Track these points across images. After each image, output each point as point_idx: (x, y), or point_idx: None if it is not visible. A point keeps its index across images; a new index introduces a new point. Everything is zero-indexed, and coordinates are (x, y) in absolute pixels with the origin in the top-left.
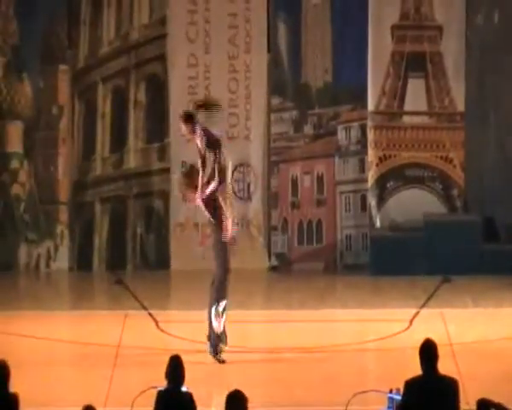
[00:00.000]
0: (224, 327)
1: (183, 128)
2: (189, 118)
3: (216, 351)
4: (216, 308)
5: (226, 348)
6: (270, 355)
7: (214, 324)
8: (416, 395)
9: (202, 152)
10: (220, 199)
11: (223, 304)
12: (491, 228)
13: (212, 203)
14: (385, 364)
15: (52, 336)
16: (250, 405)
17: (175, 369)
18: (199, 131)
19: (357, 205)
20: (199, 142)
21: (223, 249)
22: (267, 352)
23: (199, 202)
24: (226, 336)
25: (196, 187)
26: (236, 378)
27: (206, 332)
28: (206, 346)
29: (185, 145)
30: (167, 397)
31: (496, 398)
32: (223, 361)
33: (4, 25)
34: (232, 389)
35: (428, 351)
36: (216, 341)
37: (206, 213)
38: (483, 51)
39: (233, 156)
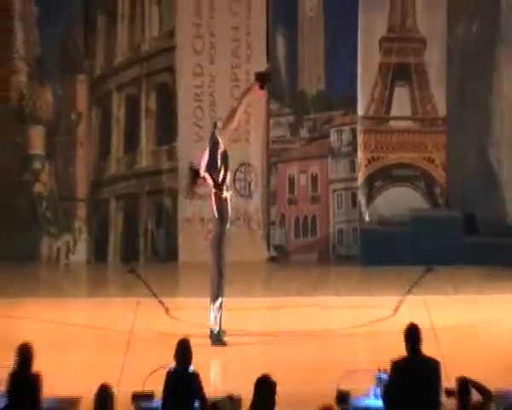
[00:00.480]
0: (220, 323)
1: (199, 190)
2: (191, 183)
3: (219, 341)
4: (213, 307)
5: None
6: (269, 339)
7: (212, 322)
8: (401, 374)
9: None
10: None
11: (218, 302)
12: (472, 223)
13: (218, 200)
14: (374, 346)
15: (70, 321)
16: (250, 384)
17: (183, 351)
18: (205, 175)
19: (349, 201)
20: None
21: (220, 245)
22: (266, 335)
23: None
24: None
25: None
26: (238, 360)
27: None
28: (209, 335)
29: (192, 148)
30: (176, 377)
31: (474, 377)
32: (225, 344)
33: (27, 35)
34: (233, 369)
35: (412, 334)
36: (215, 336)
37: (213, 206)
38: (464, 59)
39: (235, 157)
